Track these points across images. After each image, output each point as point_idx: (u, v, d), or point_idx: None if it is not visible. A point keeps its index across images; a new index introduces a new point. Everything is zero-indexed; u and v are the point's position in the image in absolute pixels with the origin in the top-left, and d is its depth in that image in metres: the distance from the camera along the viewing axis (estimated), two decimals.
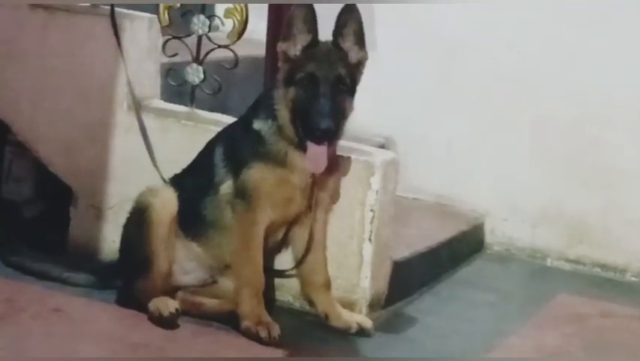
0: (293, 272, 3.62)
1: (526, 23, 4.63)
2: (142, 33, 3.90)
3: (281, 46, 3.42)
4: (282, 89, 3.41)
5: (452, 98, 4.78)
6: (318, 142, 3.31)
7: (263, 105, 3.50)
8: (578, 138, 4.62)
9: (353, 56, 3.42)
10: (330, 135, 3.32)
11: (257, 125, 3.46)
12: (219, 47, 3.89)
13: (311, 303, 3.61)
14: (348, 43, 3.41)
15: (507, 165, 4.72)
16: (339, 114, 3.35)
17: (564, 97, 4.61)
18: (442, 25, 4.75)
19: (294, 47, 3.40)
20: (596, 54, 4.55)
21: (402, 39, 4.81)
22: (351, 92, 3.40)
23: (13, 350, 3.15)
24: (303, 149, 3.37)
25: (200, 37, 3.92)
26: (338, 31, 3.41)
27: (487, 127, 4.74)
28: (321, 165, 3.34)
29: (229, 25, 3.91)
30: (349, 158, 3.61)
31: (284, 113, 3.39)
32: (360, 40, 3.42)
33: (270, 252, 3.59)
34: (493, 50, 4.70)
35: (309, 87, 3.34)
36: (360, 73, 3.45)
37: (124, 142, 3.88)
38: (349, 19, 3.40)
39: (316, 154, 3.32)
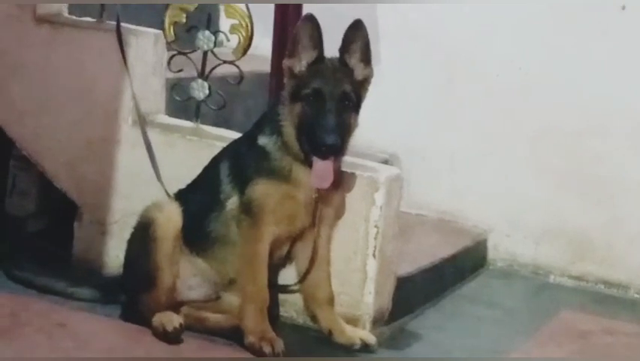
0: (296, 288, 3.63)
1: (527, 37, 4.65)
2: (147, 49, 3.92)
3: (286, 62, 3.43)
4: (288, 105, 3.42)
5: (454, 113, 4.79)
6: (324, 157, 3.32)
7: (268, 121, 3.51)
8: (580, 152, 4.63)
9: (359, 73, 3.43)
10: (336, 151, 3.33)
11: (262, 141, 3.47)
12: (224, 62, 3.90)
13: (314, 319, 3.62)
14: (354, 60, 3.43)
15: (509, 180, 4.72)
16: (345, 130, 3.36)
17: (566, 111, 4.62)
18: (444, 41, 4.76)
19: (300, 63, 3.41)
20: (597, 67, 4.56)
21: (404, 55, 4.82)
22: (356, 108, 3.42)
23: None
24: (308, 165, 3.38)
25: (205, 53, 3.93)
26: (344, 47, 3.42)
27: (489, 143, 4.75)
28: (327, 180, 3.35)
29: (234, 41, 3.92)
30: (353, 174, 3.62)
31: (289, 130, 3.41)
32: (366, 58, 3.44)
33: (275, 267, 3.59)
34: (494, 65, 4.71)
35: (315, 103, 3.35)
36: (366, 90, 3.47)
37: (129, 157, 3.89)
38: (356, 36, 3.41)
39: (322, 169, 3.33)
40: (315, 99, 3.35)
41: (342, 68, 3.40)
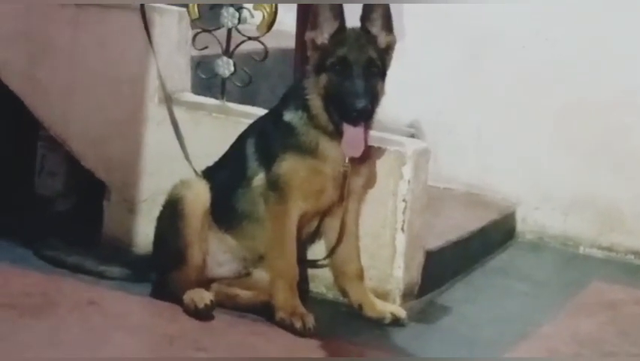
0: (325, 262, 3.63)
1: (554, 9, 4.61)
2: (172, 27, 3.92)
3: (309, 35, 3.43)
4: (313, 78, 3.41)
5: (481, 86, 4.77)
6: (355, 123, 3.31)
7: (293, 97, 3.50)
8: (609, 124, 4.59)
9: (382, 40, 3.42)
10: (367, 115, 3.33)
11: (287, 116, 3.47)
12: (249, 39, 3.89)
13: (344, 293, 3.62)
14: (376, 28, 3.42)
15: (537, 153, 4.70)
16: (373, 95, 3.35)
17: (594, 83, 4.59)
18: (470, 13, 4.73)
19: (322, 35, 3.41)
20: (625, 39, 4.52)
21: (430, 28, 4.80)
22: (382, 75, 3.40)
23: (48, 343, 3.17)
24: (335, 138, 3.38)
25: (229, 30, 3.92)
26: (366, 16, 3.41)
27: (516, 115, 4.73)
28: (359, 147, 3.34)
29: (258, 17, 3.92)
30: (381, 148, 3.61)
31: (316, 102, 3.40)
32: (388, 25, 3.43)
33: (304, 243, 3.59)
34: (521, 37, 4.68)
35: (342, 71, 3.34)
36: (390, 57, 3.45)
37: (155, 135, 3.89)
38: (376, 3, 3.40)
39: (353, 137, 3.32)
40: (341, 67, 3.35)
41: (366, 36, 3.39)
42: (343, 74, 3.34)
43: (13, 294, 3.47)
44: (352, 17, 3.43)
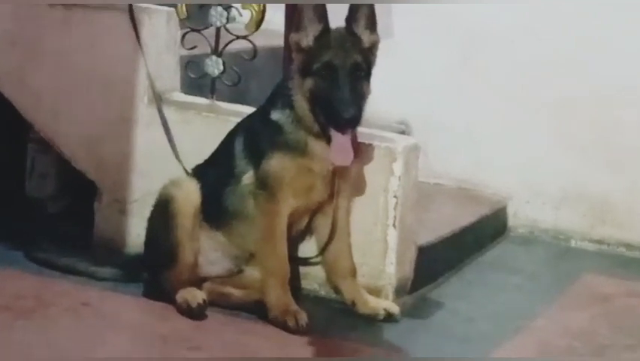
0: (317, 260, 3.63)
1: (545, 5, 4.61)
2: (160, 27, 3.92)
3: (293, 37, 3.42)
4: (298, 80, 3.41)
5: (472, 82, 4.77)
6: (343, 131, 3.31)
7: (280, 95, 3.50)
8: (600, 117, 4.60)
9: (365, 39, 3.41)
10: (355, 123, 3.33)
11: (275, 115, 3.47)
12: (238, 38, 3.90)
13: (337, 290, 3.62)
14: (360, 28, 3.41)
15: (528, 147, 4.71)
16: (360, 100, 3.35)
17: (585, 77, 4.59)
18: (461, 10, 4.73)
19: (306, 38, 3.40)
20: (617, 34, 4.53)
21: (420, 24, 4.80)
22: (368, 76, 3.41)
23: (43, 344, 3.17)
24: (322, 137, 3.38)
25: (218, 29, 3.93)
26: (351, 16, 3.41)
27: (507, 110, 4.73)
28: (349, 156, 3.34)
29: (246, 15, 3.92)
30: (371, 145, 3.61)
31: (302, 103, 3.40)
32: (372, 24, 3.42)
33: (294, 240, 3.60)
34: (511, 34, 4.68)
35: (328, 76, 3.34)
36: (374, 56, 3.45)
37: (146, 136, 3.90)
38: (361, 3, 3.40)
39: (342, 146, 3.32)
40: (327, 72, 3.34)
41: (350, 38, 3.39)
42: (329, 79, 3.33)
43: (7, 296, 3.48)
44: (337, 19, 3.44)
